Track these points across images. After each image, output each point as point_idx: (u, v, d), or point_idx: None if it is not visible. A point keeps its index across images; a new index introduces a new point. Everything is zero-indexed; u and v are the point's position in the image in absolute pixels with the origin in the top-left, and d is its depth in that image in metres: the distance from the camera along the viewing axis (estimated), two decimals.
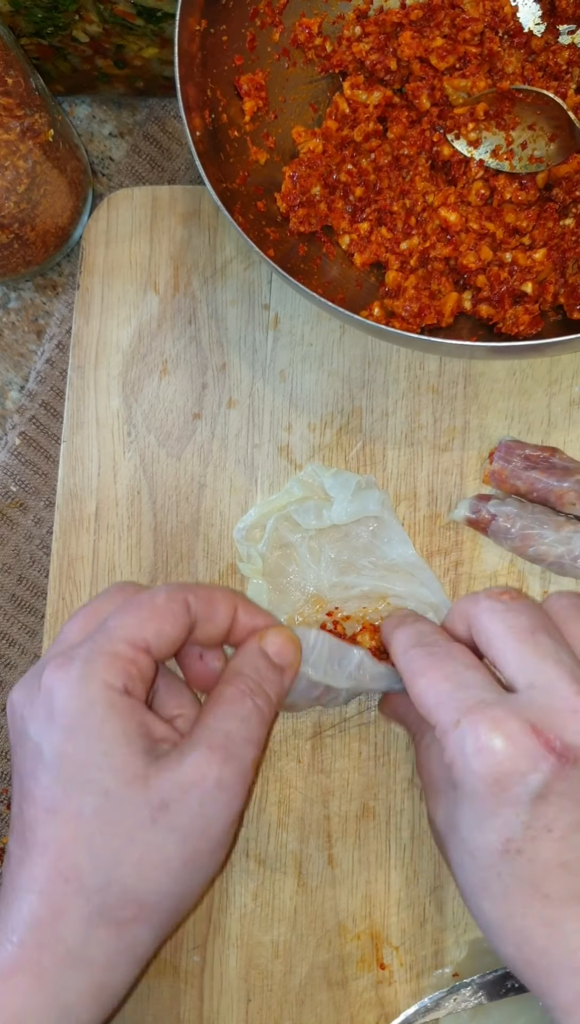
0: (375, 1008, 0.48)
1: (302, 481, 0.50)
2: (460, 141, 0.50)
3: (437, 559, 0.50)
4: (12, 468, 0.56)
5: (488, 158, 0.50)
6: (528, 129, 0.49)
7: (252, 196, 0.49)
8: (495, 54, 0.50)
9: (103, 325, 0.54)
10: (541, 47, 0.51)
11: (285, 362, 0.53)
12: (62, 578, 0.52)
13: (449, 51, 0.49)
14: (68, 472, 0.53)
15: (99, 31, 0.52)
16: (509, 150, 0.49)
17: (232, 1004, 0.48)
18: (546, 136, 0.49)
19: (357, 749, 0.49)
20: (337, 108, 0.51)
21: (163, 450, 0.53)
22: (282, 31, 0.51)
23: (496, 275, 0.48)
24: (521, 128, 0.49)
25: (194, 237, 0.54)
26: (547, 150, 0.49)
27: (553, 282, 0.48)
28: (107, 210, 0.55)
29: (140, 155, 0.58)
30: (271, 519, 0.50)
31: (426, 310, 0.48)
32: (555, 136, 0.49)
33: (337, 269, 0.51)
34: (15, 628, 0.55)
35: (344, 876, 0.49)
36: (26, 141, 0.48)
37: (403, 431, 0.52)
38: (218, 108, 0.49)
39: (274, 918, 0.49)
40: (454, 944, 0.48)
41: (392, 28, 0.50)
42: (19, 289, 0.60)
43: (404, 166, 0.51)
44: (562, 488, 0.48)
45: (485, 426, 0.51)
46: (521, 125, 0.49)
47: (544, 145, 0.49)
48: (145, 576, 0.52)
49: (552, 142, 0.49)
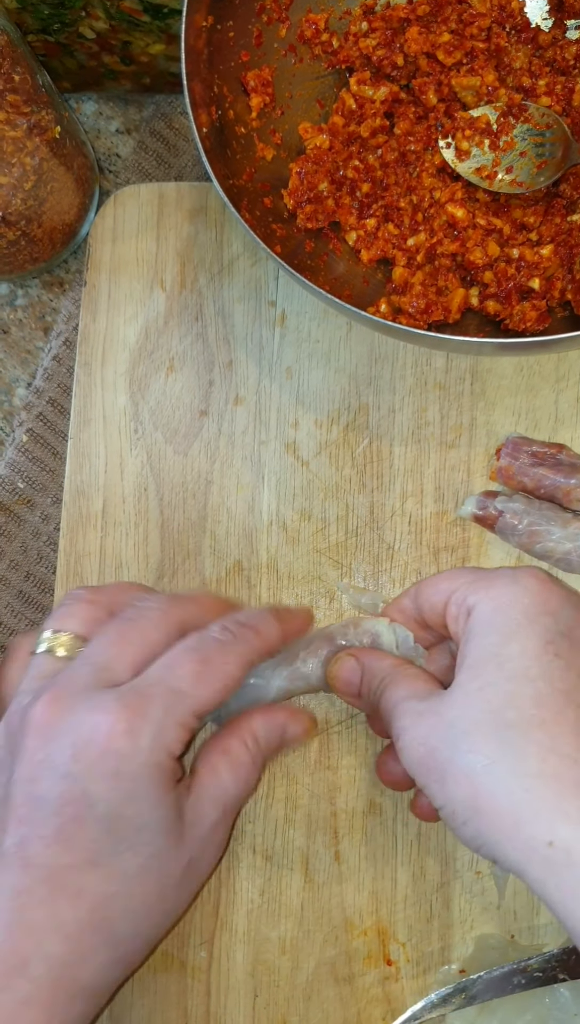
0: (382, 1004, 0.48)
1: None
2: (450, 150, 0.50)
3: (444, 556, 0.50)
4: (19, 465, 0.56)
5: (470, 174, 0.50)
6: (519, 156, 0.49)
7: (259, 192, 0.49)
8: (502, 49, 0.50)
9: (110, 322, 0.54)
10: (548, 42, 0.51)
11: (292, 359, 0.53)
12: (69, 575, 0.53)
13: (456, 46, 0.49)
14: (75, 469, 0.53)
15: (105, 28, 0.52)
16: (493, 171, 0.49)
17: (239, 1000, 0.48)
18: (534, 165, 0.49)
19: (364, 745, 0.49)
20: (344, 104, 0.51)
21: (170, 447, 0.53)
22: (289, 27, 0.51)
23: (503, 271, 0.48)
24: (512, 154, 0.49)
25: (201, 234, 0.54)
26: (531, 177, 0.49)
27: (560, 278, 0.48)
28: (114, 207, 0.55)
29: (147, 152, 0.58)
30: None
31: (433, 306, 0.48)
32: (543, 164, 0.49)
33: (344, 265, 0.51)
34: (22, 624, 0.56)
35: (351, 872, 0.49)
36: (33, 138, 0.48)
37: (410, 428, 0.52)
38: (225, 104, 0.49)
39: (281, 914, 0.49)
40: (460, 940, 0.48)
41: (399, 24, 0.50)
42: (26, 286, 0.60)
43: (411, 162, 0.51)
44: (569, 485, 0.48)
45: (492, 423, 0.51)
46: (512, 152, 0.49)
47: (530, 174, 0.49)
48: (152, 573, 0.52)
49: (539, 170, 0.49)
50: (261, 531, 0.52)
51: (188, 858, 0.39)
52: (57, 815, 0.37)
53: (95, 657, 0.40)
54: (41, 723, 0.39)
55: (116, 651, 0.40)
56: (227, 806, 0.41)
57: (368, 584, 0.51)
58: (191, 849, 0.40)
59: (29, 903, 0.37)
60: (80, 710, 0.38)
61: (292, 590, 0.51)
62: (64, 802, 0.37)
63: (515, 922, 0.48)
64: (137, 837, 0.38)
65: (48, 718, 0.39)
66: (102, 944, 0.37)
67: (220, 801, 0.41)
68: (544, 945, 0.47)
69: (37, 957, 0.36)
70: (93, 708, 0.38)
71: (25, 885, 0.37)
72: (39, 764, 0.38)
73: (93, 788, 0.37)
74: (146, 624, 0.41)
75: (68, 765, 0.37)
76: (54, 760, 0.38)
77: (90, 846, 0.37)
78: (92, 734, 0.37)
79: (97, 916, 0.37)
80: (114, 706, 0.38)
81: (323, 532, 0.51)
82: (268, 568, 0.52)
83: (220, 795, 0.41)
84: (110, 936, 0.38)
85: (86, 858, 0.37)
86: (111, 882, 0.37)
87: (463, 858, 0.48)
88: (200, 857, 0.40)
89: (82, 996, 0.37)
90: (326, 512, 0.51)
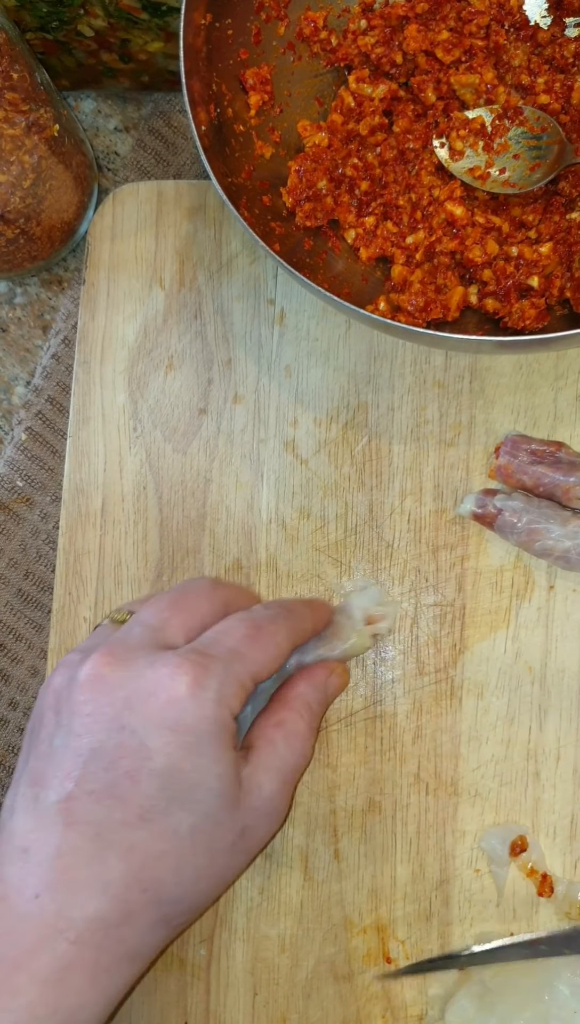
0: (381, 1001, 0.48)
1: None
2: (444, 149, 0.50)
3: (443, 554, 0.50)
4: (18, 463, 0.56)
5: (463, 173, 0.50)
6: (512, 158, 0.49)
7: (258, 191, 0.49)
8: (501, 47, 0.50)
9: (109, 320, 0.54)
10: (547, 40, 0.50)
11: (290, 357, 0.53)
12: (68, 573, 0.53)
13: (455, 44, 0.49)
14: (74, 467, 0.53)
15: (104, 26, 0.52)
16: (486, 171, 0.49)
17: (238, 997, 0.48)
18: (527, 166, 0.49)
19: (363, 744, 0.49)
20: (342, 102, 0.51)
21: (169, 445, 0.53)
22: (287, 25, 0.51)
23: (502, 269, 0.48)
24: (506, 156, 0.49)
25: (199, 232, 0.54)
26: (523, 178, 0.49)
27: (559, 276, 0.48)
28: (112, 205, 0.55)
29: (145, 150, 0.58)
30: None
31: (432, 304, 0.48)
32: (537, 166, 0.49)
33: (343, 264, 0.51)
34: (22, 623, 0.56)
35: (350, 870, 0.49)
36: (31, 136, 0.48)
37: (409, 426, 0.52)
38: (223, 102, 0.49)
39: (280, 912, 0.49)
40: (460, 938, 0.48)
41: (398, 21, 0.50)
42: (25, 285, 0.60)
43: (410, 160, 0.51)
44: (568, 483, 0.48)
45: (491, 421, 0.51)
46: (506, 154, 0.49)
47: (522, 174, 0.49)
48: (151, 571, 0.52)
49: (532, 172, 0.49)
50: (260, 529, 0.52)
51: (241, 826, 0.39)
52: (110, 769, 0.37)
53: (149, 619, 0.41)
54: (93, 677, 0.38)
55: (169, 615, 0.41)
56: (286, 777, 0.41)
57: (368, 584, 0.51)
58: (245, 817, 0.39)
59: (75, 862, 0.36)
60: (138, 665, 0.38)
61: (291, 588, 0.51)
62: (119, 755, 0.37)
63: (514, 920, 0.48)
64: (191, 795, 0.37)
65: (101, 672, 0.38)
66: (149, 904, 0.37)
67: (278, 771, 0.41)
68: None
69: (81, 918, 0.35)
70: (153, 663, 0.38)
71: (70, 843, 0.36)
72: (89, 717, 0.37)
73: (152, 741, 0.37)
74: (196, 596, 0.42)
75: (124, 717, 0.37)
76: (107, 713, 0.37)
77: (143, 801, 0.37)
78: (154, 687, 0.37)
79: (146, 875, 0.37)
80: (177, 660, 0.38)
81: (322, 530, 0.51)
82: (267, 566, 0.52)
83: (279, 765, 0.41)
84: (157, 897, 0.37)
85: (138, 814, 0.36)
86: (162, 840, 0.37)
87: (462, 856, 0.48)
88: (254, 827, 0.40)
89: (127, 959, 0.37)
90: (325, 510, 0.51)
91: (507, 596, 0.50)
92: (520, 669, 0.49)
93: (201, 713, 0.37)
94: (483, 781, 0.48)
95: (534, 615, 0.49)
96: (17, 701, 0.56)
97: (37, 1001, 0.34)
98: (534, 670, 0.49)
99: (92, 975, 0.35)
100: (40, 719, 0.40)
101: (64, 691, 0.39)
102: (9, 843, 0.37)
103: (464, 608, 0.50)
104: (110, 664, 0.38)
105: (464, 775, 0.49)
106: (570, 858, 0.48)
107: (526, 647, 0.49)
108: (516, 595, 0.50)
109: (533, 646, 0.49)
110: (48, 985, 0.34)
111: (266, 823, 0.41)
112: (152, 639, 0.40)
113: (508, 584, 0.50)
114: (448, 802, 0.49)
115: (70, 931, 0.35)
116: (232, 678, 0.38)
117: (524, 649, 0.49)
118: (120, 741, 0.37)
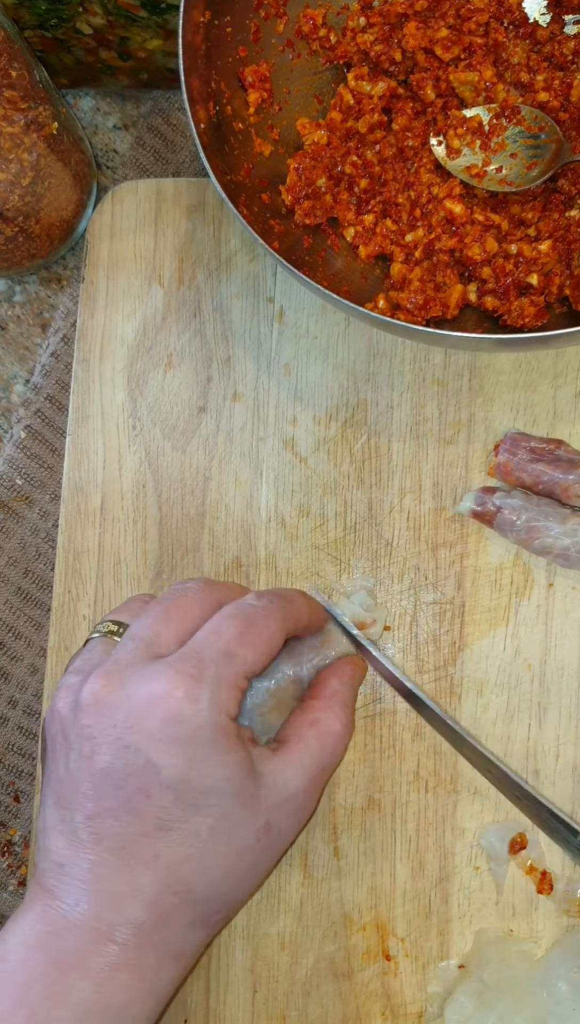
0: (381, 999, 0.48)
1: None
2: (441, 147, 0.50)
3: (442, 552, 0.50)
4: (18, 462, 0.56)
5: (460, 171, 0.50)
6: (509, 157, 0.49)
7: (257, 188, 0.49)
8: (500, 44, 0.50)
9: (108, 319, 0.54)
10: (547, 37, 0.50)
11: (290, 355, 0.53)
12: (68, 571, 0.53)
13: (454, 42, 0.49)
14: (73, 465, 0.53)
15: (103, 23, 0.52)
16: (483, 170, 0.49)
17: (238, 995, 0.48)
18: (524, 165, 0.49)
19: (362, 741, 0.49)
20: (341, 99, 0.51)
21: (168, 443, 0.53)
22: (286, 22, 0.51)
23: (501, 267, 0.48)
24: (503, 154, 0.49)
25: (199, 230, 0.54)
26: (520, 176, 0.49)
27: (559, 274, 0.48)
28: (111, 203, 0.55)
29: (144, 148, 0.58)
30: None
31: (431, 302, 0.48)
32: (534, 165, 0.49)
33: (342, 261, 0.51)
34: (21, 621, 0.56)
35: (350, 868, 0.49)
36: (30, 134, 0.48)
37: (408, 424, 0.52)
38: (222, 100, 0.49)
39: (280, 910, 0.49)
40: (459, 935, 0.48)
41: (397, 19, 0.50)
42: (24, 283, 0.60)
43: (409, 158, 0.51)
44: (568, 480, 0.48)
45: (490, 419, 0.51)
46: (503, 152, 0.49)
47: (519, 173, 0.49)
48: (151, 569, 0.52)
49: (530, 170, 0.49)
50: (259, 527, 0.52)
51: (264, 821, 0.40)
52: (121, 787, 0.38)
53: (140, 633, 0.41)
54: (93, 700, 0.39)
55: (160, 626, 0.42)
56: (314, 775, 0.42)
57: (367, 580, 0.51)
58: (268, 813, 0.40)
59: (105, 874, 0.38)
60: (132, 683, 0.39)
61: (290, 586, 0.51)
62: (127, 773, 0.38)
63: (514, 917, 0.48)
64: (204, 800, 0.38)
65: (99, 695, 0.39)
66: (183, 906, 0.38)
67: (306, 769, 0.42)
68: (541, 939, 0.47)
69: (121, 923, 0.37)
70: (146, 679, 0.39)
71: (99, 857, 0.38)
72: (95, 740, 0.39)
73: (156, 756, 0.38)
74: (186, 602, 0.43)
75: (126, 737, 0.38)
76: (110, 735, 0.38)
77: (159, 813, 0.38)
78: (149, 704, 0.38)
79: (174, 879, 0.38)
80: (168, 673, 0.39)
81: (321, 528, 0.51)
82: (266, 564, 0.52)
83: (308, 763, 0.42)
84: (189, 898, 0.38)
85: (156, 825, 0.38)
86: (185, 845, 0.38)
87: (462, 853, 0.48)
88: (279, 822, 0.40)
89: (169, 958, 0.38)
90: (324, 508, 0.51)
91: (506, 594, 0.50)
92: (519, 667, 0.49)
93: (198, 723, 0.38)
94: (483, 779, 0.48)
95: (533, 613, 0.49)
96: (17, 699, 0.56)
97: (89, 998, 0.36)
98: (533, 668, 0.49)
99: (139, 974, 0.37)
100: (52, 742, 0.41)
101: (69, 715, 0.40)
102: (47, 859, 0.39)
103: (463, 606, 0.50)
104: (107, 687, 0.39)
105: (463, 772, 0.49)
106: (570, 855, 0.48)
107: (525, 645, 0.49)
108: (515, 593, 0.50)
109: (532, 644, 0.49)
110: (98, 983, 0.36)
111: (292, 819, 0.41)
112: (144, 653, 0.41)
113: (507, 582, 0.50)
114: (447, 800, 0.49)
115: (114, 935, 0.37)
116: (224, 682, 0.39)
117: (523, 647, 0.49)
118: (126, 760, 0.38)
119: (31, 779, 0.56)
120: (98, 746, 0.39)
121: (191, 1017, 0.48)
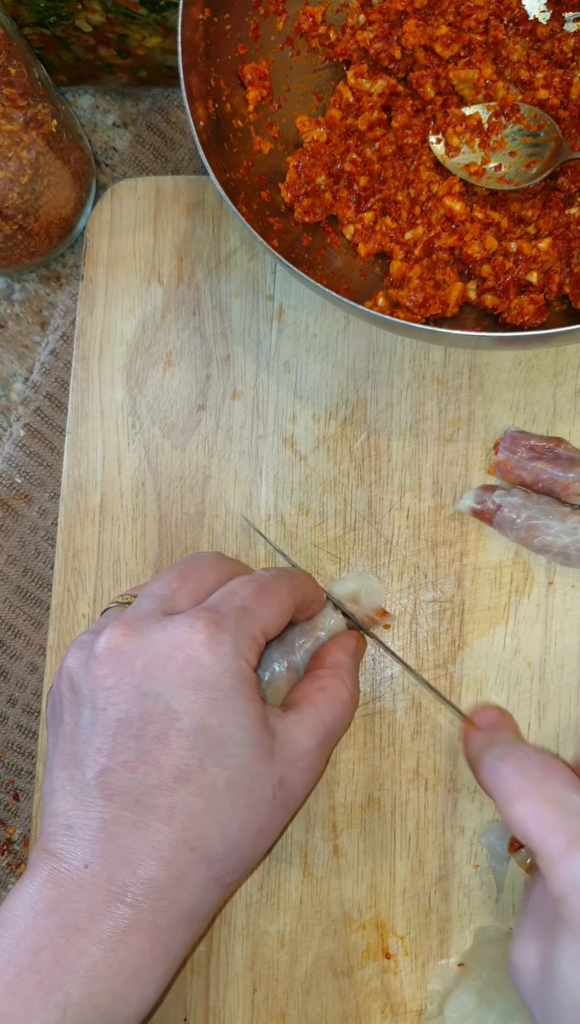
0: (380, 997, 0.48)
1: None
2: (440, 145, 0.50)
3: (442, 550, 0.50)
4: (17, 460, 0.56)
5: (459, 169, 0.50)
6: (509, 155, 0.49)
7: (256, 186, 0.49)
8: (500, 42, 0.50)
9: (107, 316, 0.54)
10: (546, 35, 0.50)
11: (289, 353, 0.53)
12: (67, 569, 0.53)
13: (454, 39, 0.49)
14: (73, 464, 0.53)
15: (102, 21, 0.51)
16: (482, 168, 0.49)
17: (238, 993, 0.48)
18: (524, 163, 0.49)
19: (362, 740, 0.49)
20: (341, 97, 0.51)
21: (167, 441, 0.53)
22: (286, 20, 0.51)
23: (501, 265, 0.48)
24: (502, 152, 0.49)
25: (198, 228, 0.54)
26: (519, 174, 0.49)
27: (558, 272, 0.48)
28: (111, 201, 0.55)
29: (144, 145, 0.58)
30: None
31: (430, 300, 0.48)
32: (533, 163, 0.49)
33: (341, 259, 0.51)
34: (20, 619, 0.56)
35: (349, 866, 0.49)
36: (29, 132, 0.48)
37: (408, 422, 0.51)
38: (222, 98, 0.49)
39: (280, 908, 0.49)
40: (459, 934, 0.48)
41: (396, 16, 0.50)
42: (23, 281, 0.60)
43: (408, 155, 0.51)
44: (567, 479, 0.48)
45: (490, 417, 0.51)
46: (502, 150, 0.49)
47: (518, 171, 0.49)
48: (150, 568, 0.52)
49: (529, 168, 0.49)
50: (259, 525, 0.52)
51: (278, 777, 0.40)
52: (139, 736, 0.37)
53: (157, 591, 0.42)
54: (109, 650, 0.39)
55: (177, 585, 0.42)
56: (322, 737, 0.42)
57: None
58: (281, 768, 0.40)
59: (119, 831, 0.37)
60: (151, 632, 0.39)
61: None
62: (146, 721, 0.38)
63: (513, 916, 0.48)
64: (222, 749, 0.38)
65: (117, 644, 0.39)
66: (200, 863, 0.38)
67: (316, 730, 0.42)
68: None
69: (134, 883, 0.36)
70: (166, 627, 0.39)
71: (112, 813, 0.37)
72: (110, 690, 0.38)
73: (177, 702, 0.37)
74: (202, 567, 0.43)
75: (145, 684, 0.38)
76: (128, 682, 0.38)
77: (177, 762, 0.37)
78: (170, 650, 0.38)
79: (191, 834, 0.37)
80: (189, 621, 0.39)
81: (321, 526, 0.51)
82: (266, 563, 0.52)
83: (317, 725, 0.42)
84: (205, 854, 0.38)
85: (174, 775, 0.37)
86: (201, 796, 0.37)
87: (461, 852, 0.48)
88: (291, 779, 0.41)
89: (184, 920, 0.38)
90: (324, 506, 0.51)
91: (506, 592, 0.50)
92: (519, 665, 0.49)
93: (220, 668, 0.38)
94: None
95: (533, 611, 0.49)
96: (16, 698, 0.56)
97: (100, 962, 0.35)
98: (533, 666, 0.49)
99: (152, 936, 0.36)
100: (60, 702, 0.41)
101: (81, 669, 0.40)
102: (54, 823, 0.38)
103: (463, 604, 0.50)
104: (125, 635, 0.39)
105: (463, 771, 0.49)
106: None
107: (525, 643, 0.49)
108: (515, 591, 0.50)
109: (532, 642, 0.49)
110: (110, 946, 0.35)
111: (303, 777, 0.41)
112: (162, 608, 0.41)
113: (507, 580, 0.50)
114: (447, 798, 0.49)
115: (126, 895, 0.36)
116: (244, 631, 0.39)
117: (523, 645, 0.49)
118: (145, 708, 0.38)
119: (31, 778, 0.56)
120: (114, 695, 0.38)
121: (191, 1015, 0.48)
